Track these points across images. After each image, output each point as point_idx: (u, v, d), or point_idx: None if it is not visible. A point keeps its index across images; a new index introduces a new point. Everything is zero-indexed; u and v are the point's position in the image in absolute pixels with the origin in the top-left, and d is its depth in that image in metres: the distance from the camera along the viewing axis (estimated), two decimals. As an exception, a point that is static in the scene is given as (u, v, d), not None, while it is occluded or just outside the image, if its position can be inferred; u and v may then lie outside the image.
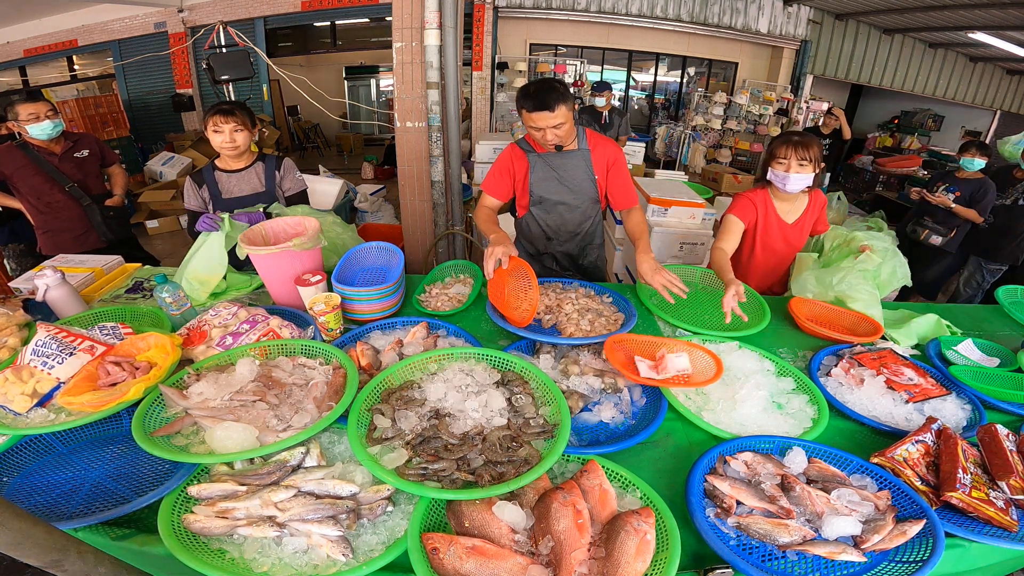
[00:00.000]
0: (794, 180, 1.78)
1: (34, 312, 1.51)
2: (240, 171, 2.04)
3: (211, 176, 2.01)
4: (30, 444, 1.05)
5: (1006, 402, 1.31)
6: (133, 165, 6.07)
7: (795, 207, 1.94)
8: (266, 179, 2.08)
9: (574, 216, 2.02)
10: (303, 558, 0.83)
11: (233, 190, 2.03)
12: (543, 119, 1.71)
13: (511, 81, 7.43)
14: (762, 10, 7.67)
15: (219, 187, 2.01)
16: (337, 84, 11.09)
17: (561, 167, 1.92)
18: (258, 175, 2.07)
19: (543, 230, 2.07)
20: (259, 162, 2.08)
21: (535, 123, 1.73)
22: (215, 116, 1.93)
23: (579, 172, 1.93)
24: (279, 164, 2.12)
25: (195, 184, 2.00)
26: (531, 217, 2.06)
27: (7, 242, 3.04)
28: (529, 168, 1.93)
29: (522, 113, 1.76)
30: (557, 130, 1.74)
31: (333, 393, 1.10)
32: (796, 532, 0.90)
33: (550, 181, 1.94)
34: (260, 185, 2.07)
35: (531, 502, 0.92)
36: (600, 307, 1.61)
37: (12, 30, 7.43)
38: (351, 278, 1.66)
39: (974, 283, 3.48)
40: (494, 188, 1.97)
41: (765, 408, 1.23)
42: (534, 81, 1.76)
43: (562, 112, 1.70)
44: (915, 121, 9.85)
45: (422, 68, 2.93)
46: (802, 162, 1.75)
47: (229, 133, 1.94)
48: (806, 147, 1.75)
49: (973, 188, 3.22)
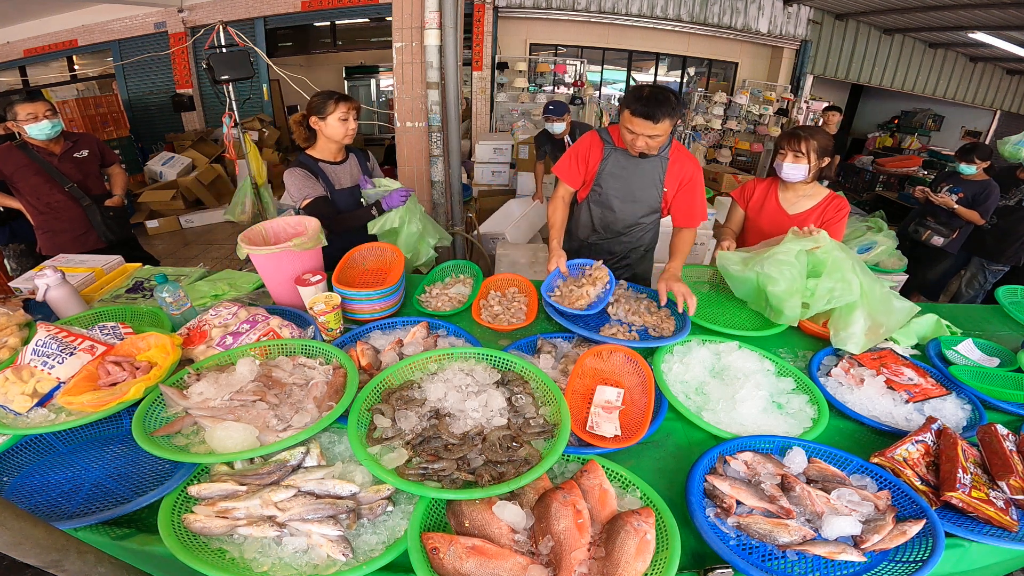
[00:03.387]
0: (787, 169, 1.86)
1: (34, 312, 1.51)
2: (341, 163, 2.05)
3: (318, 168, 1.97)
4: (30, 444, 1.05)
5: (1006, 402, 1.31)
6: (133, 165, 6.07)
7: (801, 201, 1.95)
8: (362, 171, 2.14)
9: (627, 218, 2.01)
10: (303, 558, 0.83)
11: (342, 181, 2.04)
12: (643, 127, 1.65)
13: (511, 81, 7.43)
14: (762, 10, 7.66)
15: (330, 179, 1.99)
16: (337, 84, 11.06)
17: (633, 167, 1.90)
18: (356, 167, 2.11)
19: (592, 222, 2.07)
20: (351, 155, 2.11)
21: (633, 127, 1.68)
22: (343, 103, 1.89)
23: (648, 178, 1.91)
24: (367, 157, 2.20)
25: (310, 174, 1.94)
26: (587, 205, 2.05)
27: (7, 242, 3.05)
28: (602, 159, 1.92)
29: (623, 111, 1.70)
30: (651, 140, 1.70)
31: (333, 393, 1.10)
32: (796, 532, 0.90)
33: (617, 178, 1.93)
34: (358, 177, 2.11)
35: (531, 502, 0.92)
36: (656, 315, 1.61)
37: (12, 30, 7.43)
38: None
39: (976, 284, 3.47)
40: (566, 173, 1.97)
41: (765, 408, 1.23)
42: (650, 84, 1.76)
43: (664, 126, 1.65)
44: (915, 121, 9.84)
45: (422, 68, 2.93)
46: (797, 154, 1.83)
47: (352, 120, 1.93)
48: (801, 140, 1.82)
49: (977, 189, 3.18)
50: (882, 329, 1.47)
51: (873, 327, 1.46)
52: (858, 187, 7.78)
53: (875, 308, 1.47)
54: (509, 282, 1.83)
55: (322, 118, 1.91)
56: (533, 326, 1.59)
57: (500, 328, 1.54)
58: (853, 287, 1.47)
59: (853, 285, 1.48)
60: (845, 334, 1.47)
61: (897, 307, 1.50)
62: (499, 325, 1.56)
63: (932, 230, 3.39)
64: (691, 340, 1.48)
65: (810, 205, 1.94)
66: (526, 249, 3.62)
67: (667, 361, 1.39)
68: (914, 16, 6.74)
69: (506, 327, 1.54)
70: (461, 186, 3.53)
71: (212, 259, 4.89)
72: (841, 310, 1.51)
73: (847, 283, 1.48)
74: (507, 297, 1.73)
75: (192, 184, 5.84)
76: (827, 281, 1.50)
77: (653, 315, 1.59)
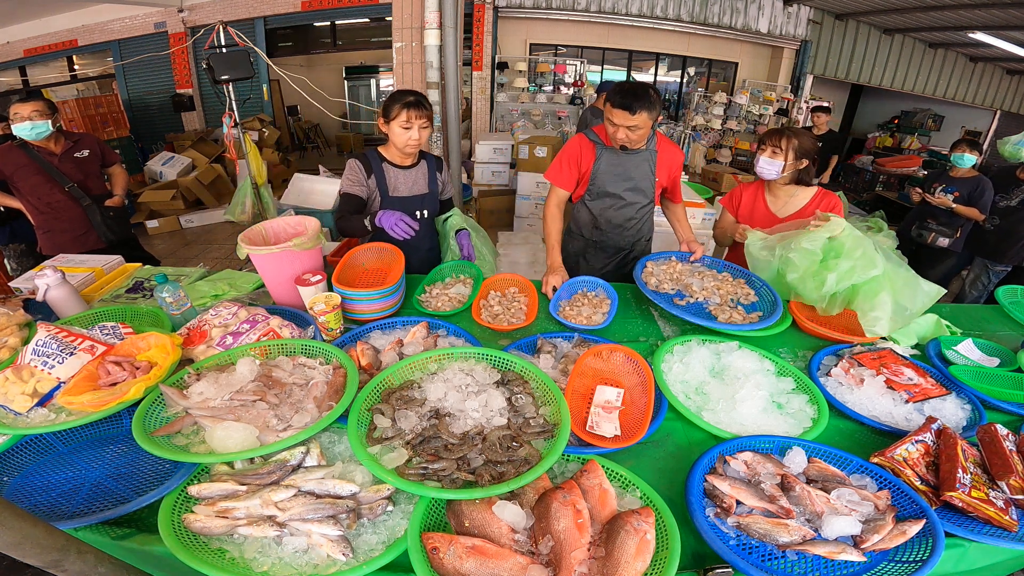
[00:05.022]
0: (762, 163, 1.88)
1: (34, 312, 1.51)
2: (409, 168, 1.92)
3: (380, 167, 1.86)
4: (30, 444, 1.05)
5: (1006, 402, 1.31)
6: (133, 165, 6.08)
7: (789, 203, 1.95)
8: (430, 180, 1.98)
9: (627, 211, 2.08)
10: (303, 558, 0.83)
11: (400, 188, 1.91)
12: (621, 117, 1.77)
13: (511, 81, 7.44)
14: (762, 10, 7.67)
15: (387, 182, 1.87)
16: (337, 84, 11.08)
17: (627, 163, 1.97)
18: (424, 175, 1.96)
19: (595, 219, 2.11)
20: (423, 160, 1.97)
21: (613, 118, 1.79)
22: (408, 110, 1.74)
23: (642, 171, 2.00)
24: (440, 166, 2.03)
25: (363, 169, 1.84)
26: (584, 205, 2.10)
27: (7, 242, 3.05)
28: (595, 159, 1.97)
29: (606, 104, 1.82)
30: (630, 132, 1.80)
31: (333, 393, 1.10)
32: (796, 532, 0.90)
33: (613, 176, 1.99)
34: (424, 186, 1.96)
35: (531, 502, 0.92)
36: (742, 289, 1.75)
37: (12, 30, 7.44)
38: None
39: (980, 285, 3.48)
40: (561, 178, 2.00)
41: (765, 408, 1.23)
42: (632, 81, 1.88)
43: (641, 118, 1.75)
44: (915, 121, 9.84)
45: (422, 68, 2.93)
46: (775, 150, 1.84)
47: (418, 130, 1.77)
48: (782, 137, 1.83)
49: (971, 187, 3.21)
50: (907, 312, 1.47)
51: (898, 309, 1.47)
52: (858, 187, 7.78)
53: (900, 290, 1.49)
54: (509, 282, 1.83)
55: (387, 121, 1.80)
56: (533, 326, 1.59)
57: (500, 328, 1.54)
58: (876, 262, 1.50)
59: (876, 260, 1.50)
60: (873, 316, 1.47)
61: (923, 289, 1.50)
62: (499, 325, 1.56)
63: (936, 232, 3.39)
64: (691, 340, 1.48)
65: (800, 206, 1.94)
66: (526, 249, 3.63)
67: (667, 361, 1.39)
68: (914, 16, 6.74)
69: (506, 327, 1.55)
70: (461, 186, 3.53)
71: (212, 259, 4.89)
72: (866, 292, 1.52)
73: (868, 259, 1.51)
74: (507, 297, 1.73)
75: (192, 184, 5.84)
76: (847, 261, 1.53)
77: (727, 283, 1.74)
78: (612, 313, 1.61)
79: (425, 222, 2.00)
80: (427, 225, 2.03)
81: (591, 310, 1.64)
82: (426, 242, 2.05)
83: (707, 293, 1.70)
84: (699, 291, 1.70)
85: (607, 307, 1.66)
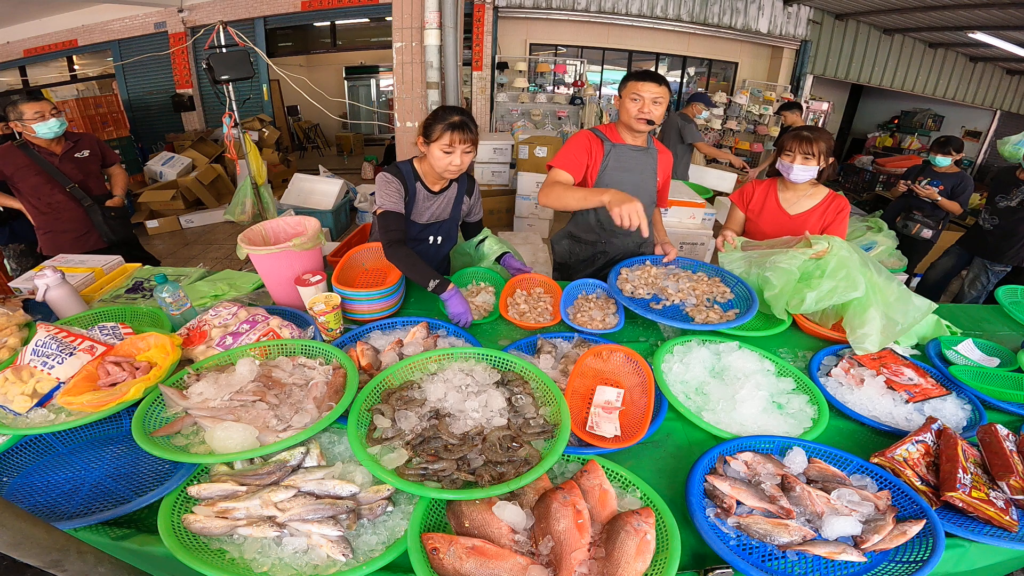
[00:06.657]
0: (797, 171, 1.86)
1: (34, 312, 1.51)
2: (439, 193, 1.79)
3: (413, 187, 1.72)
4: (30, 444, 1.05)
5: (1006, 402, 1.31)
6: (133, 165, 6.07)
7: (802, 201, 1.96)
8: (454, 206, 1.86)
9: None
10: (303, 558, 0.83)
11: (424, 215, 1.79)
12: (649, 89, 1.78)
13: (511, 81, 7.43)
14: (762, 10, 7.66)
15: (415, 206, 1.75)
16: (337, 84, 11.09)
17: (634, 161, 1.96)
18: (450, 202, 1.83)
19: (600, 220, 2.07)
20: (453, 183, 1.82)
21: (640, 91, 1.79)
22: (452, 132, 1.56)
23: (648, 170, 2.00)
24: (471, 188, 1.90)
25: (398, 182, 1.69)
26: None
27: (7, 242, 3.04)
28: (604, 155, 1.94)
29: (627, 84, 1.84)
30: (656, 105, 1.81)
31: (333, 393, 1.10)
32: (796, 532, 0.90)
33: (621, 174, 1.95)
34: (447, 213, 1.84)
35: (531, 502, 0.92)
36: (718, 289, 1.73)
37: (12, 30, 7.44)
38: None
39: (979, 285, 3.48)
40: (570, 165, 1.88)
41: (765, 408, 1.23)
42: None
43: (664, 91, 1.80)
44: (915, 121, 9.83)
45: (422, 68, 2.93)
46: (807, 156, 1.84)
47: (460, 155, 1.61)
48: (811, 143, 1.83)
49: (954, 182, 3.45)
50: (898, 327, 1.47)
51: (888, 325, 1.47)
52: (858, 187, 7.78)
53: (889, 306, 1.49)
54: (536, 282, 1.83)
55: (427, 142, 1.63)
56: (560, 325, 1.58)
57: (527, 326, 1.55)
58: (858, 284, 1.50)
59: (858, 282, 1.50)
60: (862, 332, 1.47)
61: (914, 304, 1.50)
62: (527, 323, 1.56)
63: (921, 223, 3.61)
64: (691, 340, 1.48)
65: (811, 205, 1.95)
66: (526, 249, 3.63)
67: (667, 361, 1.39)
68: (914, 16, 6.74)
69: (533, 325, 1.55)
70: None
71: (212, 259, 4.89)
72: (855, 309, 1.52)
73: (851, 280, 1.51)
74: (533, 296, 1.73)
75: (192, 184, 5.84)
76: (829, 281, 1.54)
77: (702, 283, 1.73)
78: (622, 313, 1.60)
79: (435, 246, 1.92)
80: (436, 249, 1.94)
81: (601, 312, 1.61)
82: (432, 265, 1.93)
83: (683, 295, 1.67)
84: (675, 293, 1.67)
85: (613, 306, 1.65)
